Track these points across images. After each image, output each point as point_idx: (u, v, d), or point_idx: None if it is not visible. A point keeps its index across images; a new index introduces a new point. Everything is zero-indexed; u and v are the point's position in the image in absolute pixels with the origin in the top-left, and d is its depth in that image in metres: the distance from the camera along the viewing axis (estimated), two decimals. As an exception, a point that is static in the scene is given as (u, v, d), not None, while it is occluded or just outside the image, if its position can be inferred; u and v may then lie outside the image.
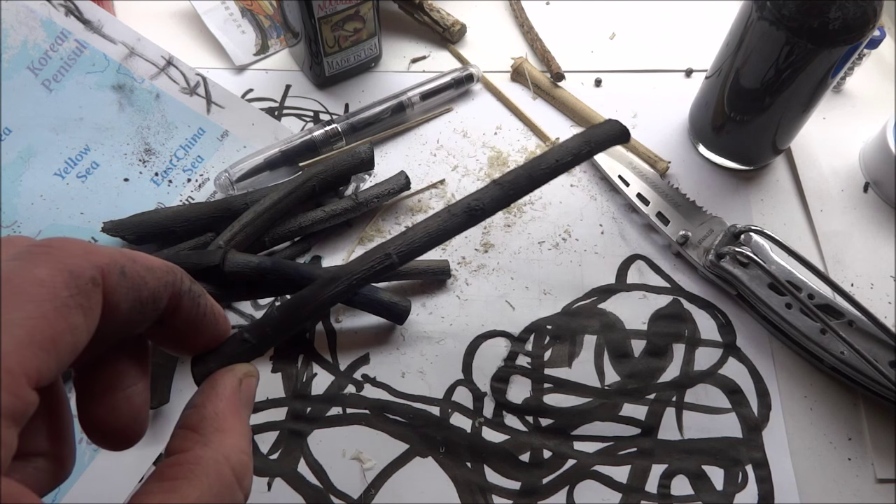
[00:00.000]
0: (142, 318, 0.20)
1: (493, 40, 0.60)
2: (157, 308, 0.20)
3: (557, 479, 0.40)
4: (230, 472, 0.19)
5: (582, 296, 0.46)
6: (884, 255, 0.48)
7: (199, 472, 0.19)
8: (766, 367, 0.43)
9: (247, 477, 0.20)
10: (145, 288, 0.20)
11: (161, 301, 0.20)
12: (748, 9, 0.42)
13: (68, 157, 0.48)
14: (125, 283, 0.19)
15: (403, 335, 0.44)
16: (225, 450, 0.20)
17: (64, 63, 0.49)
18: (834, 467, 0.40)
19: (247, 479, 0.20)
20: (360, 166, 0.48)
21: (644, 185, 0.50)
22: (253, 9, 0.59)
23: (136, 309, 0.20)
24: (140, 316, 0.20)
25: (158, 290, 0.20)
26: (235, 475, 0.19)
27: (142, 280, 0.19)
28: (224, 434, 0.20)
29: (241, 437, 0.21)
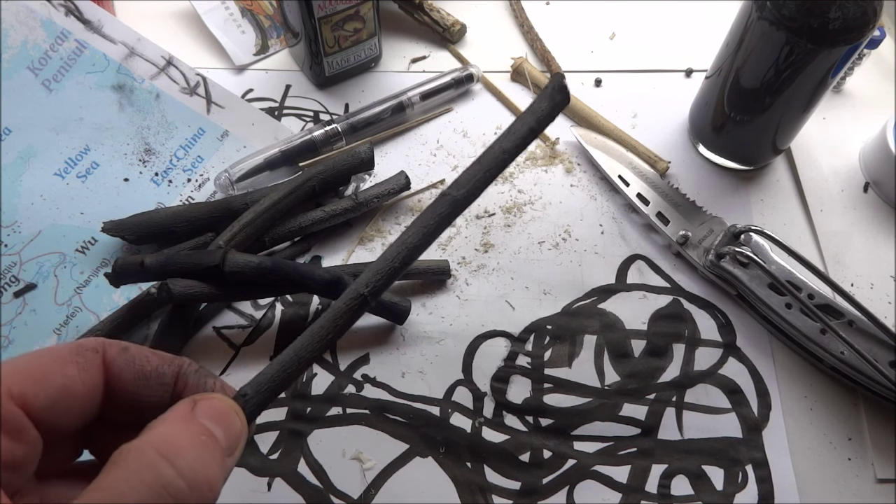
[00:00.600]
0: (151, 392, 0.23)
1: (493, 40, 0.60)
2: (162, 383, 0.24)
3: (557, 479, 0.40)
4: (154, 452, 0.19)
5: (582, 296, 0.46)
6: (884, 255, 0.48)
7: (118, 459, 0.19)
8: (766, 367, 0.43)
9: (183, 457, 0.20)
10: (148, 364, 0.23)
11: (165, 377, 0.24)
12: (748, 9, 0.42)
13: (68, 157, 0.48)
14: (126, 357, 0.23)
15: (403, 335, 0.44)
16: (150, 436, 0.20)
17: (64, 63, 0.49)
18: (834, 467, 0.40)
19: (183, 459, 0.20)
20: (360, 166, 0.48)
21: (644, 185, 0.50)
22: (253, 9, 0.59)
23: (141, 381, 0.23)
24: (148, 390, 0.23)
25: (162, 368, 0.24)
26: (161, 453, 0.19)
27: (144, 357, 0.23)
28: (151, 429, 0.21)
29: (176, 425, 0.21)
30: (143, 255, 0.41)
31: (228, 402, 0.23)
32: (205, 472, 0.20)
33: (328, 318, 0.28)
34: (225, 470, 0.21)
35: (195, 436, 0.21)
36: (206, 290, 0.41)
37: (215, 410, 0.22)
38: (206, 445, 0.21)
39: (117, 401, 0.23)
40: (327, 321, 0.28)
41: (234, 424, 0.23)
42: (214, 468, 0.21)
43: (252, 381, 0.25)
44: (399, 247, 0.30)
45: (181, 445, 0.20)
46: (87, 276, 0.45)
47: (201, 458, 0.20)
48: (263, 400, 0.25)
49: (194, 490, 0.19)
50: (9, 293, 0.44)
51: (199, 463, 0.20)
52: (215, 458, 0.21)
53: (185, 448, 0.20)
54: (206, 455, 0.21)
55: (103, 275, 0.45)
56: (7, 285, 0.44)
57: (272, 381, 0.25)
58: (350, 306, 0.28)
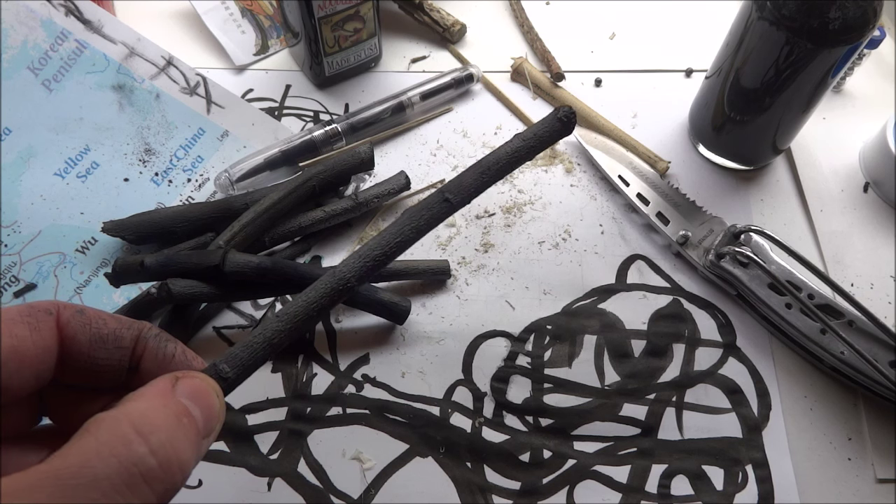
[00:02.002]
0: (108, 355, 0.23)
1: (493, 40, 0.60)
2: (119, 346, 0.23)
3: (557, 479, 0.40)
4: (129, 425, 0.19)
5: (582, 296, 0.46)
6: (884, 255, 0.48)
7: (91, 427, 0.19)
8: (766, 367, 0.43)
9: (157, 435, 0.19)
10: (105, 327, 0.23)
11: (123, 340, 0.23)
12: (748, 9, 0.42)
13: (68, 157, 0.48)
14: (81, 319, 0.22)
15: (403, 335, 0.44)
16: (127, 409, 0.20)
17: (64, 63, 0.49)
18: (834, 467, 0.40)
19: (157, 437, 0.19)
20: (360, 166, 0.48)
21: (644, 185, 0.50)
22: (253, 9, 0.59)
23: (98, 344, 0.23)
24: (105, 353, 0.23)
25: (119, 331, 0.23)
26: (136, 429, 0.19)
27: (101, 320, 0.23)
28: (129, 402, 0.20)
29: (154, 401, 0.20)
30: (143, 255, 0.41)
31: (209, 381, 0.23)
32: (177, 453, 0.20)
33: (309, 300, 0.27)
34: (199, 452, 0.21)
35: (173, 415, 0.20)
36: (206, 290, 0.41)
37: (196, 390, 0.22)
38: (183, 426, 0.20)
39: (73, 364, 0.22)
40: (308, 305, 0.27)
41: (213, 405, 0.22)
42: (188, 449, 0.20)
43: (228, 358, 0.24)
44: (387, 238, 0.30)
45: (157, 423, 0.19)
46: (87, 276, 0.45)
47: (176, 439, 0.20)
48: (240, 379, 0.24)
49: (164, 470, 0.19)
50: (9, 293, 0.44)
51: (173, 443, 0.20)
52: (190, 439, 0.20)
53: (160, 426, 0.19)
54: (182, 435, 0.20)
55: (103, 275, 0.45)
56: (7, 285, 0.44)
57: (251, 359, 0.25)
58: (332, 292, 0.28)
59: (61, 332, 0.22)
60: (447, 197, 0.30)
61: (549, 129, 0.32)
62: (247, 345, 0.25)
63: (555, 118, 0.32)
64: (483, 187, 0.31)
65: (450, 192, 0.30)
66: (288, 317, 0.26)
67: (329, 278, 0.28)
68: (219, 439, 0.41)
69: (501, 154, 0.31)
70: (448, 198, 0.30)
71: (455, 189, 0.30)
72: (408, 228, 0.30)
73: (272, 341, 0.26)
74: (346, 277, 0.28)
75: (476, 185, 0.31)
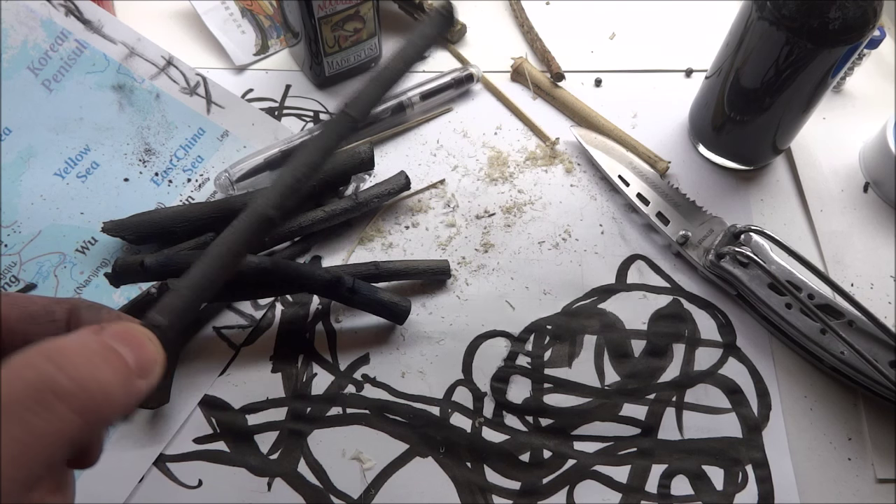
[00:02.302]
0: (41, 331, 0.23)
1: (493, 40, 0.60)
2: (52, 320, 0.24)
3: (557, 479, 0.40)
4: (38, 354, 0.19)
5: (582, 296, 0.46)
6: (884, 255, 0.48)
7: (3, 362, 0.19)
8: (766, 367, 0.43)
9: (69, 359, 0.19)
10: (33, 304, 0.23)
11: (54, 314, 0.24)
12: (748, 9, 0.42)
13: (68, 157, 0.48)
14: (8, 300, 0.23)
15: (403, 335, 0.44)
16: (40, 344, 0.19)
17: (64, 63, 0.49)
18: (834, 467, 0.40)
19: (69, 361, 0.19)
20: (360, 166, 0.48)
21: (644, 185, 0.50)
22: (253, 9, 0.59)
23: (28, 320, 0.23)
24: (38, 328, 0.23)
25: (50, 307, 0.24)
26: (46, 356, 0.19)
27: (27, 299, 0.23)
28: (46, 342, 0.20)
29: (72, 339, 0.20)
30: (143, 255, 0.41)
31: (138, 327, 0.22)
32: (95, 376, 0.19)
33: (233, 237, 0.27)
34: (131, 388, 0.20)
35: (91, 348, 0.20)
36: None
37: (122, 332, 0.21)
38: (105, 356, 0.20)
39: (9, 341, 0.23)
40: (232, 242, 0.27)
41: (145, 347, 0.22)
42: (112, 378, 0.20)
43: (162, 308, 0.24)
44: (298, 162, 0.29)
45: (71, 351, 0.19)
46: (87, 276, 0.45)
47: (94, 364, 0.19)
48: (174, 327, 0.24)
49: (82, 390, 0.19)
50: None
51: (90, 366, 0.19)
52: (118, 371, 0.20)
53: (75, 353, 0.19)
54: (101, 362, 0.20)
55: (103, 275, 0.45)
56: (7, 285, 0.44)
57: (181, 303, 0.24)
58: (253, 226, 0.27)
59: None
60: (347, 111, 0.31)
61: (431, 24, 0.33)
62: (174, 290, 0.25)
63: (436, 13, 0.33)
64: (380, 94, 0.32)
65: (349, 106, 0.31)
66: (210, 258, 0.26)
67: (248, 214, 0.27)
68: (218, 439, 0.41)
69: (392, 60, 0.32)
70: (348, 111, 0.31)
71: (354, 102, 0.31)
72: (315, 150, 0.30)
73: (200, 284, 0.25)
74: (264, 208, 0.28)
75: (373, 93, 0.31)
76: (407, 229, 0.49)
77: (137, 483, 0.39)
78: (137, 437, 0.40)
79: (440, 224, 0.49)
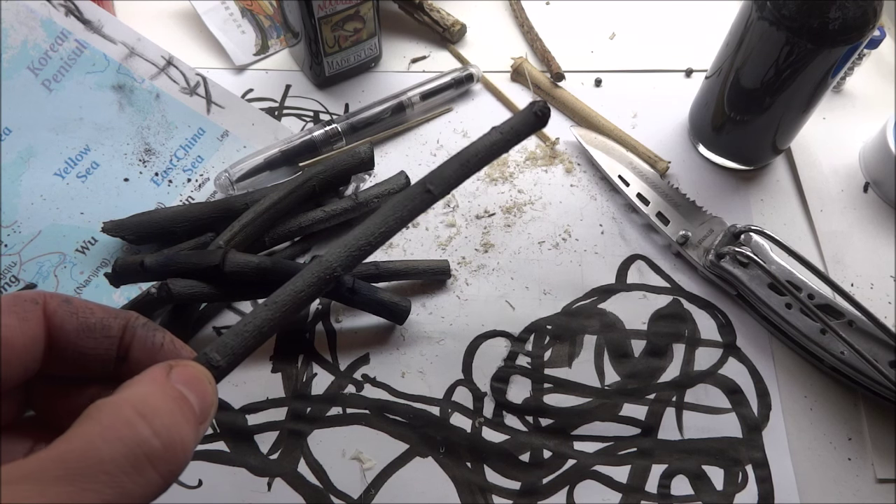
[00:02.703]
0: (96, 345, 0.23)
1: (493, 40, 0.60)
2: (107, 335, 0.23)
3: (557, 479, 0.40)
4: (131, 409, 0.19)
5: (582, 296, 0.46)
6: (884, 255, 0.48)
7: (93, 413, 0.19)
8: (766, 367, 0.43)
9: (159, 418, 0.19)
10: (92, 316, 0.23)
11: (111, 330, 0.23)
12: (748, 9, 0.42)
13: (68, 157, 0.48)
14: (68, 308, 0.22)
15: (403, 335, 0.44)
16: (126, 394, 0.20)
17: (64, 63, 0.49)
18: (834, 467, 0.40)
19: (160, 420, 0.19)
20: (360, 166, 0.48)
21: (644, 185, 0.50)
22: (253, 9, 0.59)
23: (85, 333, 0.23)
24: (93, 342, 0.23)
25: (107, 321, 0.23)
26: (138, 412, 0.19)
27: (87, 309, 0.23)
28: (127, 388, 0.20)
29: (152, 387, 0.20)
30: (143, 255, 0.41)
31: (202, 369, 0.23)
32: (180, 434, 0.20)
33: (296, 289, 0.28)
34: (197, 436, 0.21)
35: (170, 398, 0.20)
36: (206, 290, 0.41)
37: (189, 377, 0.22)
38: (182, 409, 0.20)
39: (60, 354, 0.22)
40: (295, 294, 0.27)
41: (207, 392, 0.22)
42: (189, 431, 0.20)
43: (218, 346, 0.25)
44: (372, 229, 0.30)
45: (157, 406, 0.20)
46: (87, 276, 0.45)
47: (177, 421, 0.20)
48: (230, 367, 0.25)
49: (168, 451, 0.19)
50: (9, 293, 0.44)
51: (175, 425, 0.20)
52: (189, 421, 0.20)
53: (161, 409, 0.20)
54: (181, 418, 0.20)
55: (103, 275, 0.45)
56: (7, 285, 0.44)
57: (240, 347, 0.25)
58: (319, 281, 0.28)
59: (48, 322, 0.22)
60: (429, 188, 0.31)
61: (524, 122, 0.34)
62: (236, 333, 0.25)
63: (530, 112, 0.34)
64: (462, 179, 0.32)
65: (432, 183, 0.31)
66: (276, 306, 0.27)
67: (315, 267, 0.29)
68: (218, 439, 0.40)
69: (480, 147, 0.33)
70: (430, 189, 0.31)
71: (437, 181, 0.31)
72: (391, 219, 0.31)
73: (262, 329, 0.26)
74: (332, 266, 0.29)
75: (456, 176, 0.32)
76: (407, 229, 0.49)
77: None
78: (137, 437, 0.40)
79: (440, 224, 0.49)
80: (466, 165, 0.32)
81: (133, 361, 0.24)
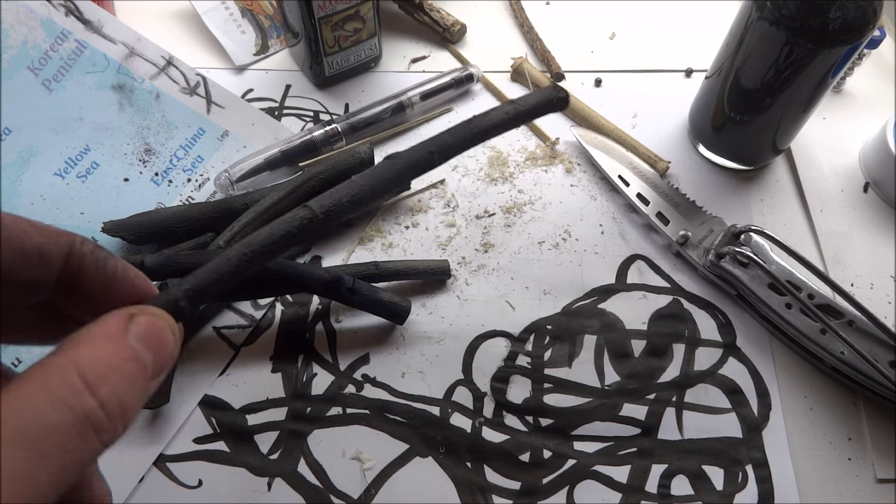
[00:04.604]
0: (33, 274, 0.20)
1: (493, 40, 0.60)
2: (47, 264, 0.20)
3: (557, 479, 0.40)
4: (76, 376, 0.18)
5: (582, 296, 0.46)
6: (884, 255, 0.48)
7: (38, 373, 0.17)
8: (766, 367, 0.43)
9: (107, 385, 0.18)
10: (28, 241, 0.20)
11: (51, 257, 0.20)
12: (748, 9, 0.42)
13: (68, 157, 0.48)
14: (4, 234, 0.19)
15: (403, 335, 0.44)
16: (74, 355, 0.18)
17: (64, 63, 0.49)
18: (834, 467, 0.40)
19: (108, 388, 0.18)
20: (360, 166, 0.48)
21: (644, 185, 0.50)
22: (253, 9, 0.59)
23: (21, 262, 0.20)
24: (30, 272, 0.20)
25: (46, 247, 0.20)
26: (85, 380, 0.18)
27: (23, 233, 0.20)
28: (76, 346, 0.18)
29: (104, 349, 0.19)
30: (143, 255, 0.41)
31: (166, 319, 0.21)
32: (123, 403, 0.18)
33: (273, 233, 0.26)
34: (144, 397, 0.19)
35: (124, 361, 0.19)
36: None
37: (150, 331, 0.20)
38: (134, 373, 0.19)
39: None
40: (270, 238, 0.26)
41: (167, 346, 0.20)
42: (134, 398, 0.19)
43: (187, 286, 0.23)
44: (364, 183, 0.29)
45: (106, 373, 0.18)
46: (87, 276, 0.45)
47: (123, 389, 0.18)
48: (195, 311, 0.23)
49: (111, 420, 0.18)
50: (9, 293, 0.44)
51: (120, 393, 0.18)
52: (136, 386, 0.19)
53: (110, 376, 0.18)
54: (128, 384, 0.19)
55: (103, 275, 0.45)
56: (7, 285, 0.44)
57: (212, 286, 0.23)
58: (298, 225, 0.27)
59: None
60: (431, 151, 0.31)
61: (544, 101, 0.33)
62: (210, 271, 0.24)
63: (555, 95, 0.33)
64: (466, 148, 0.32)
65: (435, 148, 0.31)
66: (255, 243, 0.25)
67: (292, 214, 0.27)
68: (218, 439, 0.41)
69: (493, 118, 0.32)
70: (432, 151, 0.31)
71: (437, 141, 0.31)
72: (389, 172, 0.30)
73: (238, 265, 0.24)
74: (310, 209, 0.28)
75: (458, 139, 0.31)
76: (407, 229, 0.49)
77: (137, 483, 0.39)
78: (137, 437, 0.40)
79: (440, 224, 0.49)
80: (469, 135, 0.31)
81: (82, 294, 0.21)
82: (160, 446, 0.40)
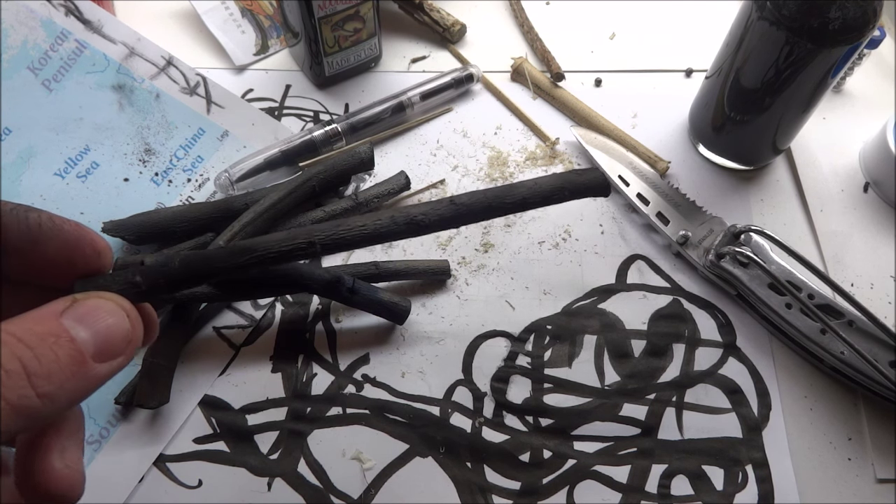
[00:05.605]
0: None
1: (493, 40, 0.60)
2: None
3: (557, 479, 0.40)
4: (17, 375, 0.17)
5: (582, 296, 0.46)
6: (884, 255, 0.48)
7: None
8: (766, 367, 0.43)
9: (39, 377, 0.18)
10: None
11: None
12: (748, 9, 0.42)
13: (68, 157, 0.48)
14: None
15: (403, 335, 0.44)
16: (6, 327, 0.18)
17: (64, 63, 0.49)
18: (834, 467, 0.40)
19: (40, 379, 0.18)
20: (360, 166, 0.48)
21: (644, 185, 0.50)
22: (253, 9, 0.59)
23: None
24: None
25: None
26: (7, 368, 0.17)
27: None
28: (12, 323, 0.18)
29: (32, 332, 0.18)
30: (143, 255, 0.41)
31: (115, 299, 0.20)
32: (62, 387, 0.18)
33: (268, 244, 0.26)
34: (86, 378, 0.19)
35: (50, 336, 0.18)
36: (206, 290, 0.41)
37: (89, 310, 0.19)
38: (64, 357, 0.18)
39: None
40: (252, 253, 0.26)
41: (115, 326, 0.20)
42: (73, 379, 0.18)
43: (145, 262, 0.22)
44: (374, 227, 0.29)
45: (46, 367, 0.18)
46: (87, 276, 0.45)
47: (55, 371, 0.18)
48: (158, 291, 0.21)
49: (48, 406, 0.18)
50: (9, 293, 0.44)
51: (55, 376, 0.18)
52: (74, 368, 0.19)
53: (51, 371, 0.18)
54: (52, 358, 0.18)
55: (103, 275, 0.45)
56: (7, 285, 0.44)
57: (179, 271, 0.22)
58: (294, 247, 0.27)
59: None
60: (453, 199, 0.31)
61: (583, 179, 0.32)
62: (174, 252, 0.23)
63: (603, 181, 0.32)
64: (491, 203, 0.31)
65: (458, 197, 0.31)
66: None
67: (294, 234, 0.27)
68: (219, 439, 0.40)
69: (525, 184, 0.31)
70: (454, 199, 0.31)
71: (462, 196, 0.31)
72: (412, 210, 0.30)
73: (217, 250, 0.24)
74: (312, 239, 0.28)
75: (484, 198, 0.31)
76: (407, 229, 0.49)
77: (137, 483, 0.39)
78: (137, 437, 0.40)
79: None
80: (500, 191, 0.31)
81: (14, 253, 0.21)
82: (160, 446, 0.40)
